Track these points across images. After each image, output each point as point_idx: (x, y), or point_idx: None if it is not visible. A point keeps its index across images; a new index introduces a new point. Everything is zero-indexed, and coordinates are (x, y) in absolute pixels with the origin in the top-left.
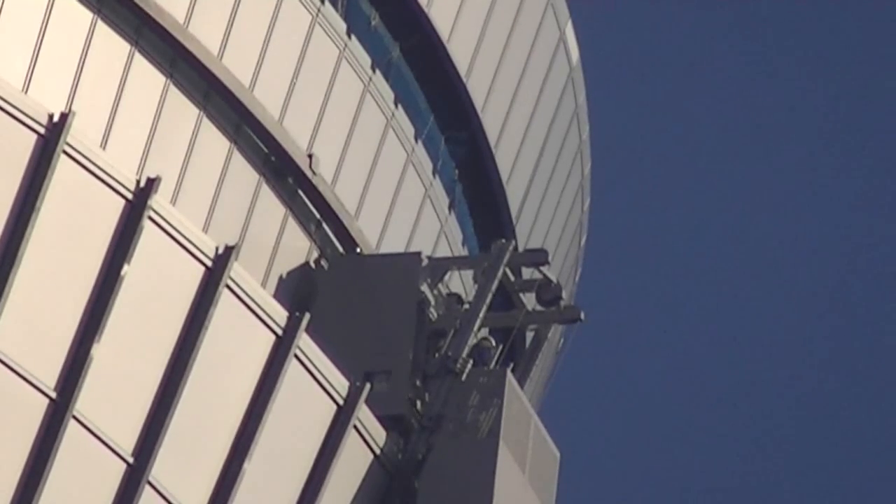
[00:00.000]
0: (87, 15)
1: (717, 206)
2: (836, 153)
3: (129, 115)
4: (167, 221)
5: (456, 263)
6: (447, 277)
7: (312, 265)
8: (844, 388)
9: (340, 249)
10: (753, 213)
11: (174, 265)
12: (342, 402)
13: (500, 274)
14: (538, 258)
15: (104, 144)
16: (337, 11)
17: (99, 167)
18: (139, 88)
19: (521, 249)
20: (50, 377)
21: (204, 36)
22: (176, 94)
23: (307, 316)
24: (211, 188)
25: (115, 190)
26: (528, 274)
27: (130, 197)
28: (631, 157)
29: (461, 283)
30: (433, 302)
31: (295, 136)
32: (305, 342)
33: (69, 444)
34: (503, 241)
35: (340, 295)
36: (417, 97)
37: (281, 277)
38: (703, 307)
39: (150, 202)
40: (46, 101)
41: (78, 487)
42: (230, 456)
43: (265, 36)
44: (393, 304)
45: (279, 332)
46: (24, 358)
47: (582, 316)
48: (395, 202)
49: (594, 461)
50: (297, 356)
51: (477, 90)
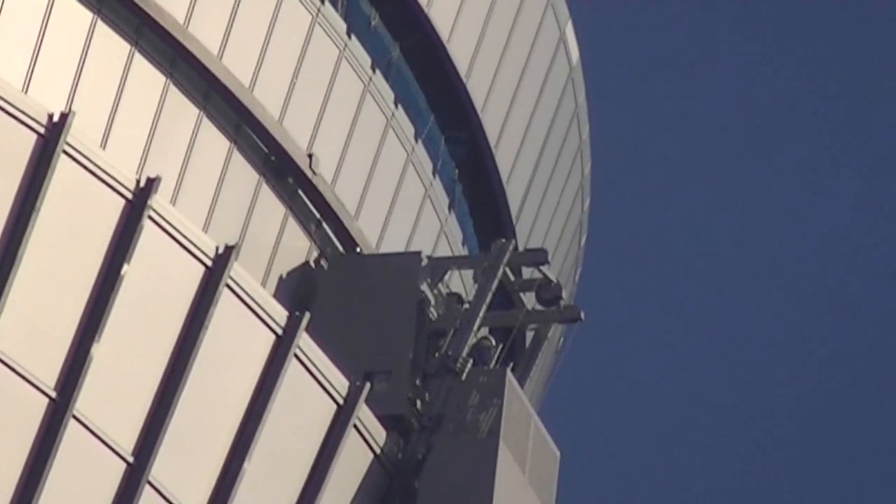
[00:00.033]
0: (87, 15)
1: (717, 206)
2: (836, 153)
3: (129, 115)
4: (167, 221)
5: (456, 263)
6: (447, 277)
7: (312, 265)
8: (844, 388)
9: (340, 249)
10: (753, 213)
11: (174, 265)
12: (342, 401)
13: (500, 274)
14: (538, 258)
15: (104, 144)
16: (337, 11)
17: (99, 167)
18: (139, 88)
19: (521, 249)
20: (50, 377)
21: (204, 36)
22: (176, 94)
23: (307, 316)
24: (211, 188)
25: (115, 190)
26: (528, 274)
27: (130, 197)
28: (631, 157)
29: (461, 282)
30: (433, 302)
31: (295, 136)
32: (305, 342)
33: (69, 444)
34: (503, 240)
35: (340, 295)
36: (417, 97)
37: (281, 277)
38: (703, 307)
39: (150, 202)
40: (46, 101)
41: (78, 487)
42: (230, 456)
43: (265, 36)
44: (393, 303)
45: (279, 331)
46: (24, 358)
47: (582, 316)
48: (395, 202)
49: (594, 461)
50: (297, 356)
51: (477, 90)
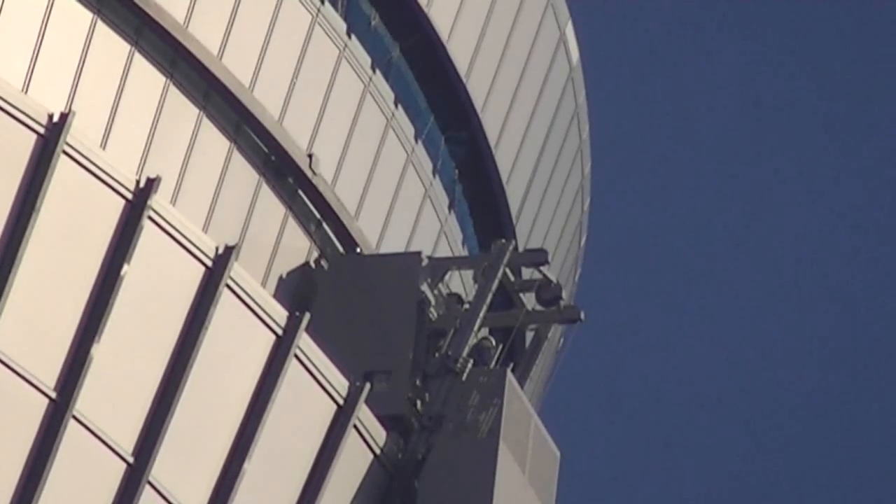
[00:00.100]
0: (87, 15)
1: (717, 206)
2: (836, 153)
3: (129, 115)
4: (167, 221)
5: (456, 263)
6: (447, 277)
7: (312, 265)
8: (844, 388)
9: (340, 249)
10: (753, 213)
11: (174, 265)
12: (342, 402)
13: (500, 274)
14: (538, 258)
15: (104, 144)
16: (337, 11)
17: (99, 167)
18: (139, 88)
19: (521, 249)
20: (50, 377)
21: (204, 36)
22: (176, 94)
23: (307, 316)
24: (211, 188)
25: (115, 190)
26: (528, 274)
27: (130, 197)
28: (631, 157)
29: (461, 283)
30: (433, 302)
31: (295, 136)
32: (305, 342)
33: (69, 444)
34: (503, 241)
35: (340, 295)
36: (417, 97)
37: (281, 277)
38: (703, 307)
39: (150, 202)
40: (46, 101)
41: (78, 487)
42: (230, 456)
43: (265, 36)
44: (393, 304)
45: (279, 332)
46: (24, 358)
47: (582, 316)
48: (395, 202)
49: (594, 461)
50: (297, 356)
51: (477, 90)
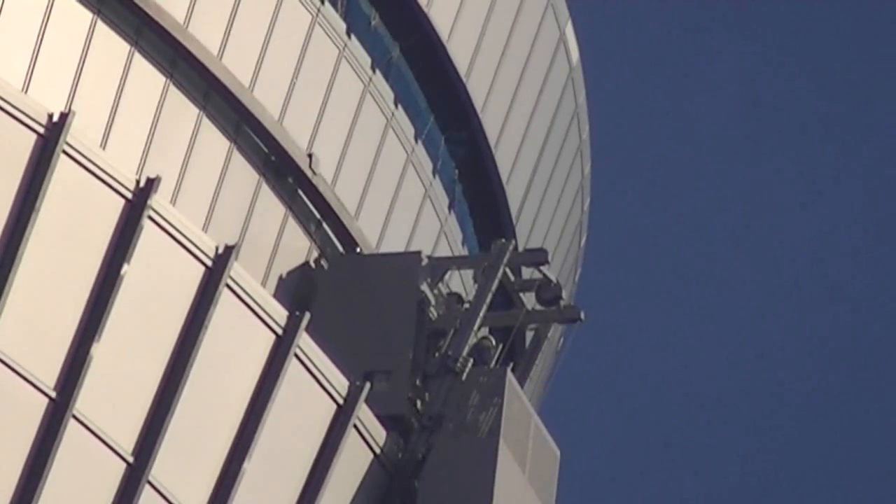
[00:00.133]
0: (87, 15)
1: (717, 206)
2: (836, 153)
3: (129, 115)
4: (167, 221)
5: (456, 263)
6: (447, 277)
7: (312, 265)
8: (844, 388)
9: (340, 249)
10: (753, 213)
11: (174, 265)
12: (342, 401)
13: (500, 274)
14: (538, 258)
15: (104, 144)
16: (337, 11)
17: (99, 167)
18: (139, 88)
19: (521, 249)
20: (50, 377)
21: (204, 36)
22: (176, 94)
23: (307, 316)
24: (211, 188)
25: (114, 190)
26: (528, 274)
27: (130, 197)
28: (631, 157)
29: (461, 282)
30: (433, 302)
31: (295, 136)
32: (305, 342)
33: (69, 444)
34: (503, 240)
35: (340, 295)
36: (417, 97)
37: (281, 277)
38: (703, 307)
39: (149, 202)
40: (46, 101)
41: (78, 487)
42: (230, 456)
43: (265, 36)
44: (393, 303)
45: (279, 331)
46: (24, 358)
47: (582, 316)
48: (395, 202)
49: (594, 461)
50: (297, 356)
51: (477, 90)
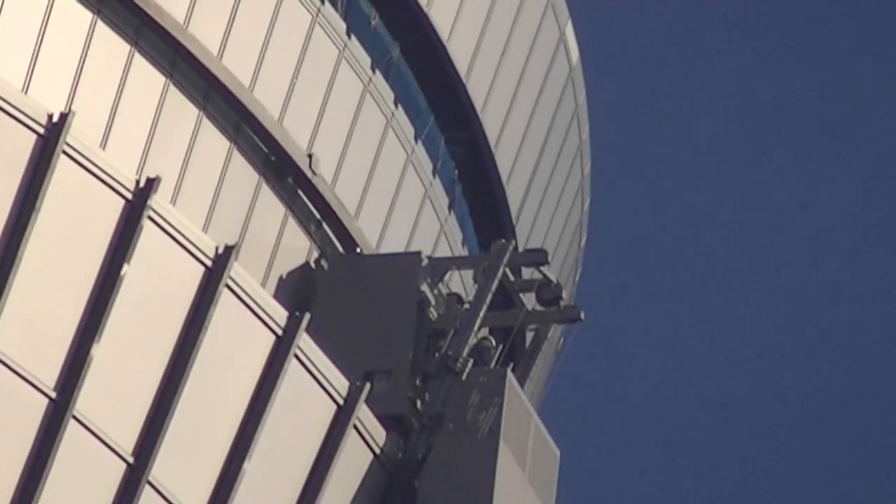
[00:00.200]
0: (87, 15)
1: (717, 206)
2: (836, 153)
3: (129, 115)
4: (167, 221)
5: (456, 263)
6: (447, 277)
7: (312, 265)
8: (844, 388)
9: (340, 249)
10: (753, 213)
11: (174, 265)
12: (342, 402)
13: (500, 274)
14: (538, 258)
15: (104, 144)
16: (337, 11)
17: (99, 167)
18: (139, 88)
19: (521, 249)
20: (50, 377)
21: (204, 36)
22: (176, 94)
23: (307, 316)
24: (211, 188)
25: (114, 190)
26: (528, 274)
27: (130, 197)
28: (631, 157)
29: (461, 283)
30: (433, 302)
31: (295, 136)
32: (305, 342)
33: (69, 444)
34: (503, 241)
35: (340, 295)
36: (417, 97)
37: (281, 277)
38: (703, 307)
39: (149, 202)
40: (46, 101)
41: (78, 487)
42: (230, 456)
43: (265, 36)
44: (393, 304)
45: (279, 332)
46: (24, 358)
47: (582, 316)
48: (395, 202)
49: (594, 461)
50: (297, 356)
51: (477, 90)
